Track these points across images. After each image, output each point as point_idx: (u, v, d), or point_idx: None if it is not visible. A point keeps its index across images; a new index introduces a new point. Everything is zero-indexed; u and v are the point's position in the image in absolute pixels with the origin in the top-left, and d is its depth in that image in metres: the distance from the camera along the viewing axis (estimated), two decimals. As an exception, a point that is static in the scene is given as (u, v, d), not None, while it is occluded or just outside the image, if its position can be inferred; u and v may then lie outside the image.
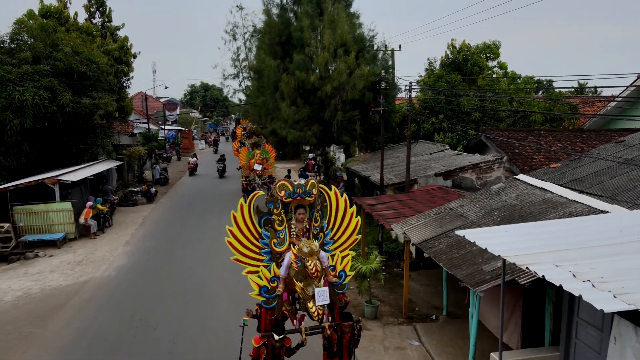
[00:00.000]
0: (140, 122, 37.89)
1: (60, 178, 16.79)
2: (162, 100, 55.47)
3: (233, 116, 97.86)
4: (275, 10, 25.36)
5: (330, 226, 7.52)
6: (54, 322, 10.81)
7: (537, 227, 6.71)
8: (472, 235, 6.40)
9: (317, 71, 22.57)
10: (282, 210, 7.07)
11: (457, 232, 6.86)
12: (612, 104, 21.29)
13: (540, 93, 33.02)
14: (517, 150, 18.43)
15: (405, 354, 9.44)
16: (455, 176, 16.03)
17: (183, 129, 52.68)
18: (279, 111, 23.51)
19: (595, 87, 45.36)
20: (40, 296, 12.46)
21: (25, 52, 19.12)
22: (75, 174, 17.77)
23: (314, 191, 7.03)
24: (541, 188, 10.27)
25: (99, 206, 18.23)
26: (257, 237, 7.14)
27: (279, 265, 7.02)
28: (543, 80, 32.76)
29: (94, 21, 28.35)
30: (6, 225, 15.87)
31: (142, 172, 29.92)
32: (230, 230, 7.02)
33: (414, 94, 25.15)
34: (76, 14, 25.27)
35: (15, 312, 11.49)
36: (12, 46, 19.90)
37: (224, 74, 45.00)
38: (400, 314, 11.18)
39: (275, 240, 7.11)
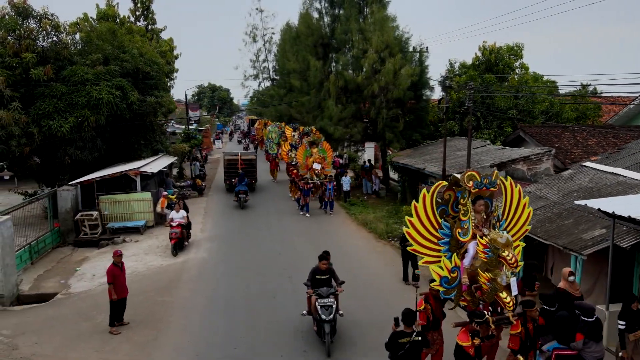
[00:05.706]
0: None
1: (141, 170, 18.11)
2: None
3: (234, 118, 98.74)
4: (315, 15, 26.86)
5: (505, 217, 7.45)
6: (179, 293, 12.20)
7: (641, 197, 8.13)
8: (594, 203, 7.82)
9: (362, 71, 24.00)
10: (469, 201, 7.01)
11: (577, 202, 8.27)
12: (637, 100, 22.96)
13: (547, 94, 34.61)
14: (556, 145, 19.93)
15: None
16: (507, 167, 17.45)
17: (203, 128, 54.11)
18: (322, 109, 24.89)
19: (595, 88, 47.19)
20: (149, 274, 13.81)
21: (97, 54, 20.40)
22: (152, 166, 19.09)
23: (498, 182, 7.15)
24: (612, 172, 11.73)
25: (170, 196, 19.53)
26: (437, 227, 7.09)
27: (459, 256, 7.06)
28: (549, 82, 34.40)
29: (138, 24, 29.64)
30: (95, 213, 17.16)
31: (183, 168, 31.19)
32: (410, 221, 6.99)
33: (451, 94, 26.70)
34: (127, 17, 26.58)
35: (135, 286, 12.73)
36: (83, 48, 21.18)
37: (245, 74, 46.76)
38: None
39: (460, 230, 7.06)
